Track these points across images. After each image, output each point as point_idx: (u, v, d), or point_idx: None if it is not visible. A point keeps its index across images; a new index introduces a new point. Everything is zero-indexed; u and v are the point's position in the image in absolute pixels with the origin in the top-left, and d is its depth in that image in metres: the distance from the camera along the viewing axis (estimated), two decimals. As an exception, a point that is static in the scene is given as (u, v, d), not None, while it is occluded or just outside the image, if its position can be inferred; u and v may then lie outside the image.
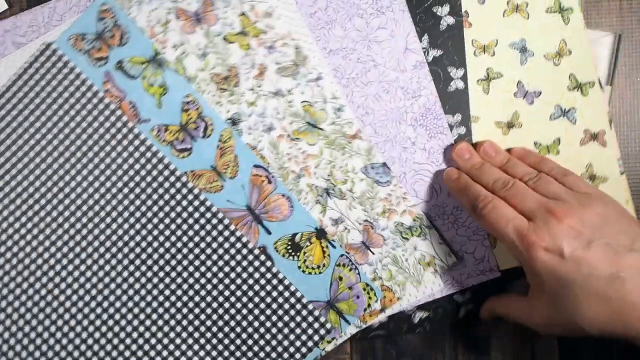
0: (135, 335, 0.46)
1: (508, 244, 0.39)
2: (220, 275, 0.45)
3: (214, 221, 0.45)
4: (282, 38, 0.46)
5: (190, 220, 0.45)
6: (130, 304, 0.45)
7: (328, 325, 0.45)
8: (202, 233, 0.45)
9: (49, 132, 0.45)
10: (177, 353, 0.45)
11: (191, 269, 0.45)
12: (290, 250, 0.45)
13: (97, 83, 0.46)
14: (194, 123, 0.46)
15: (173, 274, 0.45)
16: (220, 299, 0.45)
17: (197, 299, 0.45)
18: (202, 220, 0.45)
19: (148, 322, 0.45)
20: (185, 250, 0.45)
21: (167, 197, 0.45)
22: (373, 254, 0.46)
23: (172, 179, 0.45)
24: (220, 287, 0.45)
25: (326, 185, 0.46)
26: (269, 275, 0.45)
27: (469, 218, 0.46)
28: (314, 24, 0.46)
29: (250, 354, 0.45)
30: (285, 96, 0.46)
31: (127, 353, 0.45)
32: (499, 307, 0.43)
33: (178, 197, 0.45)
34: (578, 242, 0.36)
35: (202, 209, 0.46)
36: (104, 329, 0.45)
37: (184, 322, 0.45)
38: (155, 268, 0.45)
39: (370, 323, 0.46)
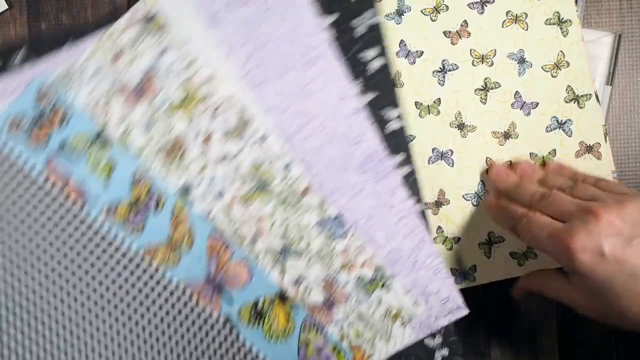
0: None
1: (548, 251, 0.38)
2: (188, 350, 0.43)
3: (176, 295, 0.44)
4: (225, 102, 0.45)
5: (152, 297, 0.44)
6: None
7: (299, 393, 0.43)
8: (164, 309, 0.44)
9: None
10: None
11: (158, 346, 0.43)
12: (254, 318, 0.44)
13: (41, 166, 0.45)
14: (144, 198, 0.45)
15: (139, 356, 0.43)
16: (185, 377, 0.43)
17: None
18: (164, 296, 0.44)
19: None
20: (149, 329, 0.44)
21: (125, 275, 0.44)
22: (337, 312, 0.44)
23: (129, 257, 0.44)
24: (185, 364, 0.43)
25: (282, 246, 0.44)
26: (236, 346, 0.44)
27: (428, 258, 0.45)
28: (248, 84, 0.45)
29: None
30: (233, 160, 0.45)
31: None
32: (535, 284, 0.42)
33: (137, 274, 0.44)
34: (618, 239, 0.35)
35: (162, 284, 0.44)
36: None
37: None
38: (120, 350, 0.43)
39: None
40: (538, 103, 0.48)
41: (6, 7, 0.48)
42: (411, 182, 0.46)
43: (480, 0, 0.48)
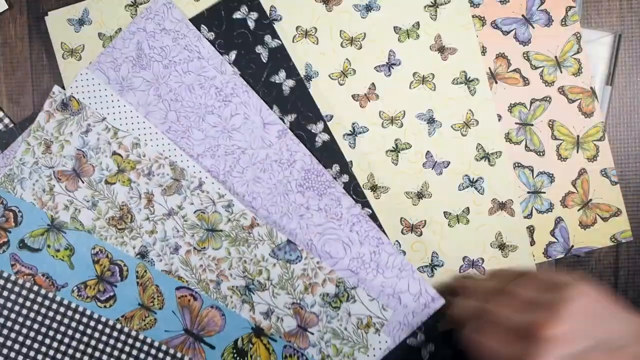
0: None
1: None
2: (182, 407, 0.44)
3: (160, 355, 0.45)
4: (156, 161, 0.46)
5: (136, 364, 0.45)
6: None
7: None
8: (152, 372, 0.45)
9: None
10: None
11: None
12: (238, 358, 0.44)
13: (6, 268, 0.47)
14: (108, 271, 0.46)
15: None
16: None
17: None
18: (149, 359, 0.45)
19: None
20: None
21: (108, 349, 0.45)
22: (312, 334, 0.44)
23: (108, 329, 0.46)
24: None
25: (245, 282, 0.45)
26: (228, 390, 0.44)
27: (390, 257, 0.45)
28: (173, 138, 0.46)
29: None
30: (178, 213, 0.46)
31: None
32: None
33: (119, 345, 0.45)
34: (572, 348, 0.33)
35: (145, 347, 0.45)
36: None
37: None
38: None
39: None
40: (449, 162, 0.48)
41: (6, 7, 0.49)
42: (353, 189, 0.46)
43: (387, 63, 0.47)
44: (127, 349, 0.45)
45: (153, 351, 0.45)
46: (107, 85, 0.47)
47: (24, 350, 0.46)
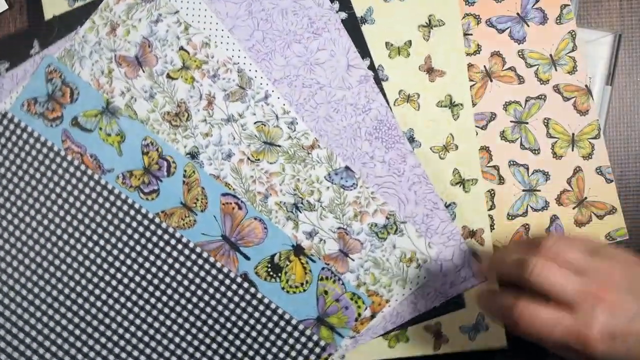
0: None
1: (556, 347, 0.36)
2: (208, 309, 0.45)
3: (193, 256, 0.45)
4: (224, 65, 0.46)
5: (170, 260, 0.45)
6: (121, 347, 0.46)
7: (322, 343, 0.45)
8: (183, 270, 0.45)
9: (18, 199, 0.46)
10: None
11: (178, 308, 0.45)
12: (271, 273, 0.45)
13: (57, 143, 0.46)
14: (156, 164, 0.46)
15: (161, 317, 0.45)
16: (212, 333, 0.45)
17: (188, 337, 0.45)
18: (182, 258, 0.45)
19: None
20: (169, 291, 0.45)
21: (143, 241, 0.46)
22: (353, 260, 0.45)
23: (146, 222, 0.46)
24: (210, 321, 0.45)
25: (294, 200, 0.45)
26: (255, 302, 0.45)
27: (441, 224, 0.45)
28: (253, 57, 0.46)
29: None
30: (238, 120, 0.45)
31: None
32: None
33: (154, 239, 0.46)
34: (625, 317, 0.35)
35: (180, 246, 0.46)
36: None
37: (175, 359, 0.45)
38: (143, 314, 0.45)
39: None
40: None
41: (6, 7, 0.48)
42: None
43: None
44: (161, 244, 0.46)
45: (187, 251, 0.46)
46: None
47: (63, 225, 0.46)
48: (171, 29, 0.46)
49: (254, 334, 0.45)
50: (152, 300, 0.45)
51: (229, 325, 0.45)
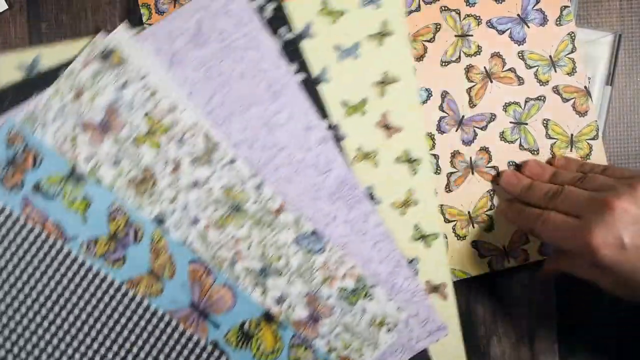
0: None
1: (569, 249, 0.38)
2: (177, 379, 0.44)
3: (162, 325, 0.44)
4: (190, 129, 0.45)
5: (137, 329, 0.44)
6: None
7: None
8: (152, 340, 0.44)
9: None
10: None
11: (145, 379, 0.44)
12: (242, 341, 0.44)
13: (16, 209, 0.45)
14: (123, 231, 0.45)
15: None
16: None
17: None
18: (149, 327, 0.44)
19: None
20: (140, 358, 0.44)
21: (109, 310, 0.44)
22: (323, 325, 0.44)
23: (112, 290, 0.45)
24: (177, 392, 0.44)
25: (262, 266, 0.45)
26: (225, 369, 0.44)
27: (405, 281, 0.45)
28: (213, 121, 0.45)
29: None
30: (204, 185, 0.45)
31: None
32: (564, 264, 0.41)
33: (121, 308, 0.45)
34: (636, 227, 0.35)
35: (148, 315, 0.45)
36: None
37: None
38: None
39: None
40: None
41: (6, 7, 0.48)
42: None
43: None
44: (128, 313, 0.44)
45: (155, 320, 0.45)
46: (156, 54, 0.46)
47: (22, 296, 0.45)
48: (137, 94, 0.45)
49: (223, 405, 0.43)
50: (118, 373, 0.44)
51: (197, 396, 0.44)
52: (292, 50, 0.47)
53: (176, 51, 0.46)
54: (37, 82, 0.46)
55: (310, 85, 0.46)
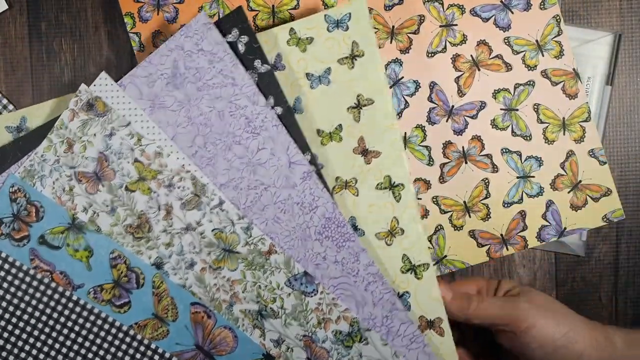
0: None
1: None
2: (188, 420, 0.45)
3: (170, 367, 0.45)
4: (178, 173, 0.45)
5: (146, 372, 0.45)
6: None
7: None
8: (161, 382, 0.45)
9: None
10: None
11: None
12: (245, 381, 0.44)
13: (25, 262, 0.47)
14: (125, 277, 0.46)
15: None
16: None
17: None
18: (159, 368, 0.45)
19: None
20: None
21: (120, 354, 0.46)
22: (322, 368, 0.43)
23: (121, 335, 0.46)
24: None
25: (258, 308, 0.44)
26: (233, 410, 0.44)
27: (402, 326, 0.43)
28: (198, 163, 0.44)
29: None
30: (197, 229, 0.45)
31: None
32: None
33: (131, 351, 0.46)
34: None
35: (156, 357, 0.45)
36: None
37: None
38: None
39: None
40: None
41: (6, 7, 0.49)
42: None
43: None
44: (138, 356, 0.45)
45: (163, 361, 0.45)
46: (138, 97, 0.45)
47: (38, 345, 0.46)
48: (124, 141, 0.45)
49: None
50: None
51: None
52: (267, 84, 0.45)
53: (156, 94, 0.45)
54: (29, 138, 0.47)
55: (289, 118, 0.45)
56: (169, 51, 0.45)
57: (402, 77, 0.47)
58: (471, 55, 0.47)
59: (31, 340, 0.46)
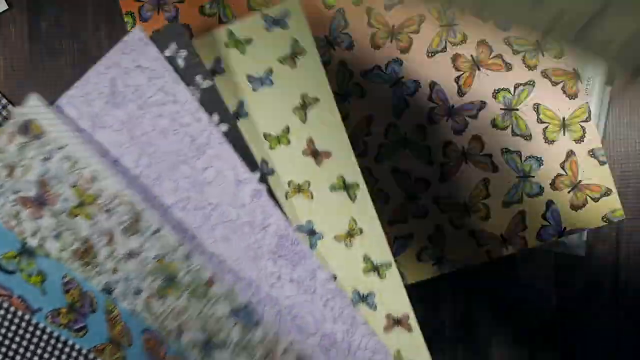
0: None
1: None
2: None
3: (129, 391, 0.44)
4: (115, 197, 0.43)
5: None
6: None
7: None
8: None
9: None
10: None
11: None
12: (200, 410, 0.43)
13: (-16, 288, 0.46)
14: (78, 302, 0.45)
15: None
16: None
17: None
18: (120, 393, 0.44)
19: None
20: None
21: (81, 378, 0.45)
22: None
23: (81, 359, 0.45)
24: None
25: (205, 338, 0.42)
26: None
27: (364, 339, 0.41)
28: (144, 184, 0.42)
29: None
30: (139, 255, 0.42)
31: None
32: None
33: (92, 375, 0.45)
34: None
35: (117, 381, 0.45)
36: None
37: None
38: None
39: None
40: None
41: (6, 7, 0.49)
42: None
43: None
44: (99, 379, 0.44)
45: (124, 385, 0.44)
46: (78, 118, 0.44)
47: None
48: (61, 165, 0.43)
49: None
50: None
51: None
52: (210, 100, 0.42)
53: (96, 114, 0.42)
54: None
55: (234, 134, 0.42)
56: (106, 69, 0.42)
57: (402, 77, 0.47)
58: (471, 55, 0.47)
59: (-4, 364, 0.46)
